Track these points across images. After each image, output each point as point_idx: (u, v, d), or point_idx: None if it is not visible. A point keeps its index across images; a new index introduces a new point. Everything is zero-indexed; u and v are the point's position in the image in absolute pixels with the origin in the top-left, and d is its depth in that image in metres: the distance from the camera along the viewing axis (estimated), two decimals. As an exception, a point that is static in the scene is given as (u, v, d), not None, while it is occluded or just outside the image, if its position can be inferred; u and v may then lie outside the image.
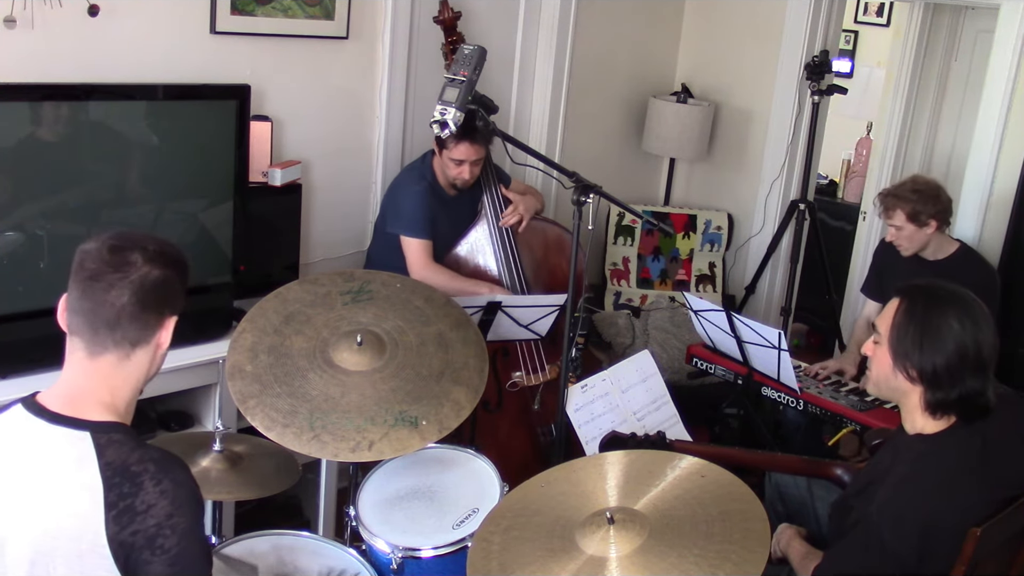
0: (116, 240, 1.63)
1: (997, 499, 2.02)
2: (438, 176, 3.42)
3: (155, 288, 1.61)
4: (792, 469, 2.47)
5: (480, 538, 2.00)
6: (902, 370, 2.04)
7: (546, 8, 4.08)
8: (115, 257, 1.60)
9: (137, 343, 1.62)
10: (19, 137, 2.62)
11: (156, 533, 1.48)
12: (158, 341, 1.66)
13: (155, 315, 1.63)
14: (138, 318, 1.60)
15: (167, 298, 1.64)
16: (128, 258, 1.60)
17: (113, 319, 1.59)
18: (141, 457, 1.53)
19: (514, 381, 3.44)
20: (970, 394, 1.99)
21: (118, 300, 1.58)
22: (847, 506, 2.17)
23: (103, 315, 1.59)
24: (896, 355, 2.05)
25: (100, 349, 1.61)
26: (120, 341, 1.60)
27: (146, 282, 1.60)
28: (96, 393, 1.60)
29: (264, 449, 2.40)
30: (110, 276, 1.58)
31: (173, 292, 1.65)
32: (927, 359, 2.00)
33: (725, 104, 4.69)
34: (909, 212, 3.30)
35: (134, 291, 1.59)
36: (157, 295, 1.62)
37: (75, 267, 1.61)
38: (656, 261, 4.71)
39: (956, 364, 1.98)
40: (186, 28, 3.06)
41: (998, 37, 3.82)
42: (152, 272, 1.61)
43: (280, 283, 2.61)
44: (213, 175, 2.99)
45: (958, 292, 2.05)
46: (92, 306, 1.59)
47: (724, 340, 3.40)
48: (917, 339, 2.01)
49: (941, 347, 1.98)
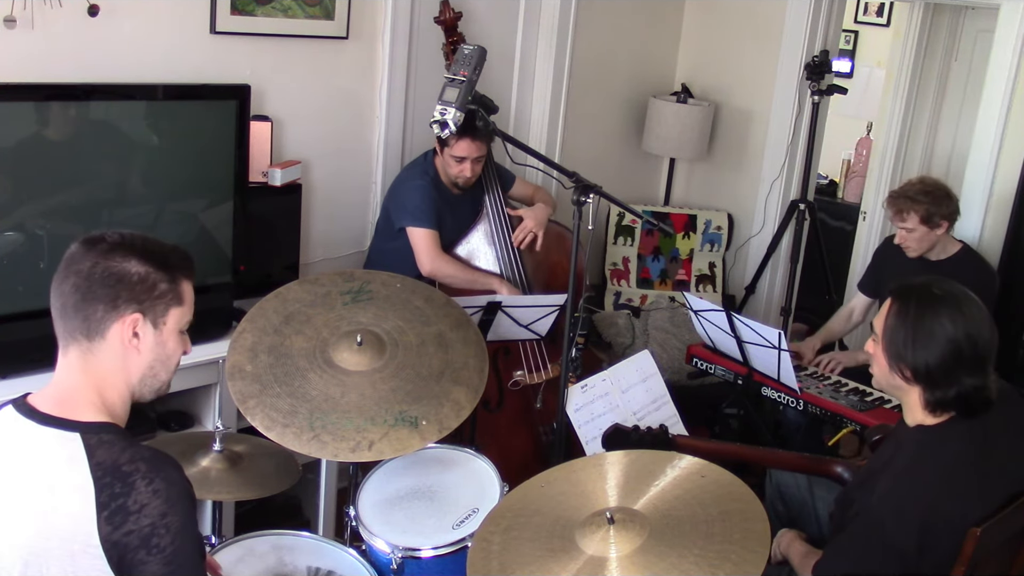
0: (89, 234, 1.62)
1: (998, 494, 2.02)
2: (440, 174, 3.42)
3: (103, 279, 1.57)
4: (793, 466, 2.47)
5: (480, 538, 2.00)
6: (897, 371, 2.05)
7: (546, 8, 4.08)
8: (80, 249, 1.60)
9: (89, 335, 1.59)
10: (19, 137, 2.62)
11: (151, 533, 1.48)
12: (122, 337, 1.60)
13: (103, 305, 1.58)
14: (80, 309, 1.58)
15: (120, 291, 1.58)
16: (89, 249, 1.60)
17: (60, 309, 1.59)
18: (132, 457, 1.52)
19: (516, 380, 3.44)
20: (968, 391, 1.99)
21: (63, 288, 1.59)
22: (849, 499, 2.18)
23: (56, 305, 1.60)
24: (890, 356, 2.05)
25: (63, 342, 1.61)
26: (73, 332, 1.60)
27: (93, 272, 1.57)
28: (84, 393, 1.59)
29: (264, 449, 2.40)
30: (66, 267, 1.59)
31: (129, 285, 1.59)
32: (920, 359, 2.00)
33: (725, 104, 4.69)
34: (923, 215, 3.29)
35: (77, 280, 1.58)
36: (103, 285, 1.58)
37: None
38: (656, 261, 4.71)
39: (950, 363, 1.98)
40: (186, 28, 3.06)
41: (998, 37, 3.82)
42: (102, 263, 1.58)
43: (280, 283, 2.61)
44: (213, 175, 2.99)
45: (951, 290, 2.04)
46: (53, 297, 1.61)
47: (724, 340, 3.40)
48: (909, 340, 2.01)
49: (934, 347, 1.98)
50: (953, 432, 2.03)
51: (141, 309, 1.61)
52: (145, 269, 1.61)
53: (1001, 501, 2.02)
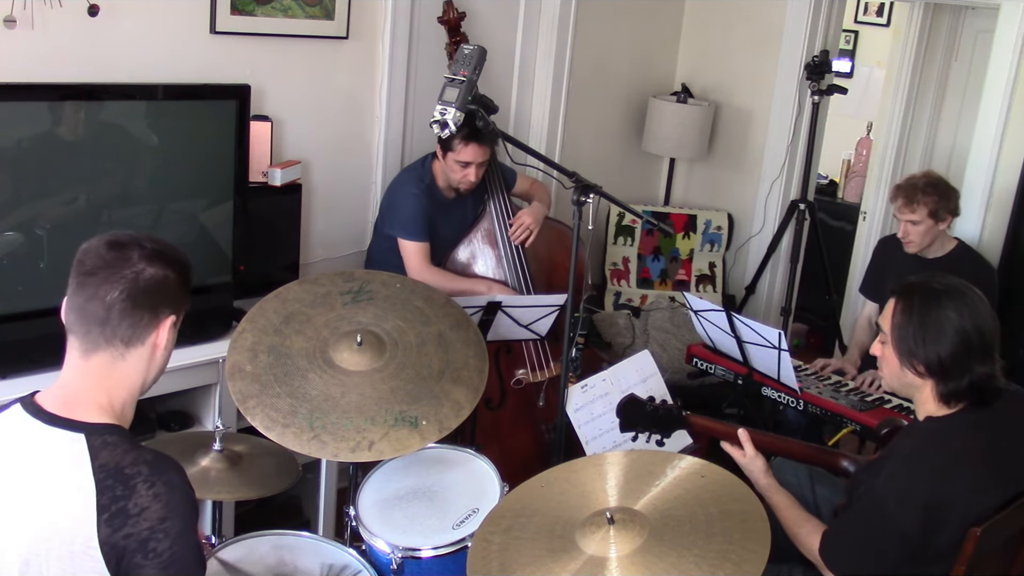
0: (115, 237, 1.62)
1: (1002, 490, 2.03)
2: (438, 179, 3.42)
3: (149, 286, 1.60)
4: (800, 454, 2.48)
5: (480, 538, 2.00)
6: (910, 367, 2.08)
7: (546, 8, 4.08)
8: (112, 254, 1.59)
9: (129, 342, 1.61)
10: (20, 137, 2.62)
11: (149, 536, 1.48)
12: (155, 342, 1.64)
13: (148, 313, 1.61)
14: (128, 315, 1.59)
15: (162, 297, 1.62)
16: (124, 255, 1.59)
17: (103, 316, 1.58)
18: (135, 459, 1.52)
19: (518, 378, 3.45)
20: (980, 379, 2.03)
21: (108, 296, 1.57)
22: (857, 481, 2.19)
23: (94, 312, 1.58)
24: (901, 353, 2.08)
25: (92, 347, 1.60)
26: (111, 339, 1.59)
27: (140, 280, 1.59)
28: (92, 395, 1.59)
29: (264, 449, 2.40)
30: (104, 272, 1.58)
31: (170, 292, 1.63)
32: (932, 353, 2.03)
33: (725, 104, 4.69)
34: (932, 208, 3.29)
35: (125, 287, 1.58)
36: (151, 293, 1.60)
37: (75, 264, 1.61)
38: (656, 261, 4.71)
39: (961, 353, 2.01)
40: (186, 28, 3.06)
41: (998, 37, 3.83)
42: (147, 270, 1.60)
43: (280, 283, 2.61)
44: (213, 175, 2.99)
45: (952, 283, 2.08)
46: (84, 302, 1.58)
47: (724, 340, 3.39)
48: (919, 335, 2.04)
49: (944, 339, 2.02)
50: (962, 422, 2.06)
51: (174, 312, 1.66)
52: (176, 274, 1.65)
53: (1006, 496, 2.04)
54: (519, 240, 3.46)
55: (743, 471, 2.27)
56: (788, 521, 2.19)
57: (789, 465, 2.63)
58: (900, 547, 1.98)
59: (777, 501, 2.22)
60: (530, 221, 3.47)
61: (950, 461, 2.00)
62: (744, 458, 2.31)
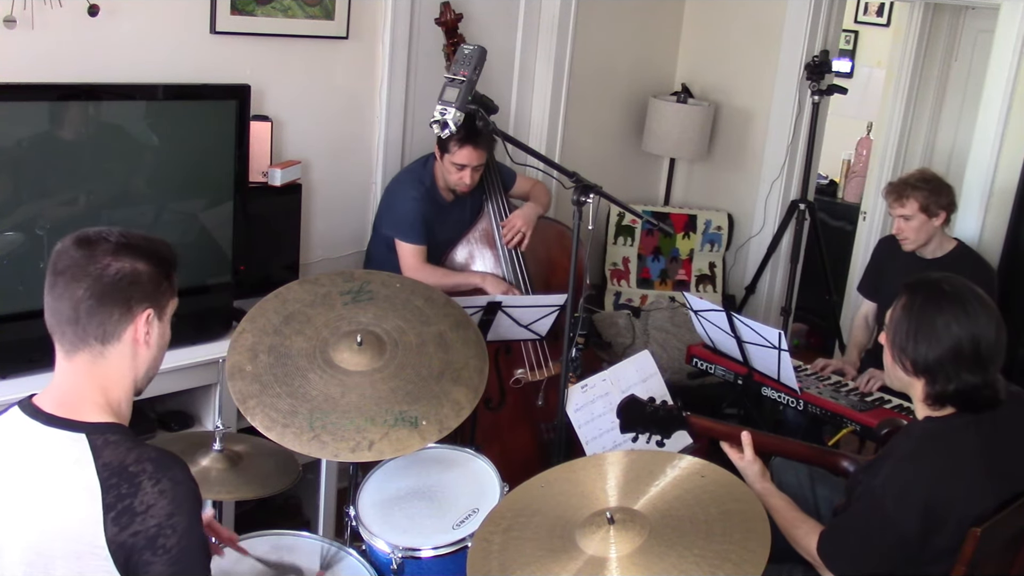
0: (83, 234, 1.60)
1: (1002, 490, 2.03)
2: (437, 181, 3.42)
3: (115, 281, 1.57)
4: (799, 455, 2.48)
5: (480, 538, 2.00)
6: (900, 363, 2.09)
7: (546, 9, 4.08)
8: (79, 252, 1.58)
9: (105, 340, 1.59)
10: (19, 137, 2.62)
11: (157, 533, 1.48)
12: (133, 337, 1.61)
13: (119, 309, 1.58)
14: (96, 313, 1.57)
15: (134, 291, 1.59)
16: (90, 252, 1.57)
17: (73, 316, 1.56)
18: (138, 457, 1.52)
19: (517, 378, 3.45)
20: (967, 388, 2.02)
21: (75, 295, 1.56)
22: (855, 481, 2.20)
23: (65, 312, 1.57)
24: (893, 348, 2.10)
25: (72, 348, 1.59)
26: (85, 338, 1.58)
27: (104, 276, 1.56)
28: (87, 394, 1.59)
29: (264, 449, 2.40)
30: (72, 271, 1.56)
31: (142, 285, 1.60)
32: (920, 353, 2.04)
33: (725, 104, 4.69)
34: (922, 202, 3.29)
35: (90, 285, 1.56)
36: (120, 288, 1.57)
37: (48, 264, 1.60)
38: (656, 261, 4.71)
39: (949, 360, 2.01)
40: (186, 28, 3.06)
41: (998, 37, 3.83)
42: (112, 265, 1.57)
43: (280, 283, 2.61)
44: (213, 175, 2.99)
45: (960, 289, 2.06)
46: (55, 303, 1.58)
47: (724, 340, 3.39)
48: (912, 333, 2.05)
49: (934, 342, 2.02)
50: (961, 422, 2.06)
51: (152, 305, 1.62)
52: (150, 267, 1.61)
53: (1006, 496, 2.04)
54: (512, 244, 3.46)
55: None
56: (785, 523, 2.19)
57: (789, 465, 2.63)
58: (898, 547, 1.99)
59: (773, 504, 2.22)
60: (521, 224, 3.47)
61: (949, 461, 2.00)
62: (742, 461, 2.31)
